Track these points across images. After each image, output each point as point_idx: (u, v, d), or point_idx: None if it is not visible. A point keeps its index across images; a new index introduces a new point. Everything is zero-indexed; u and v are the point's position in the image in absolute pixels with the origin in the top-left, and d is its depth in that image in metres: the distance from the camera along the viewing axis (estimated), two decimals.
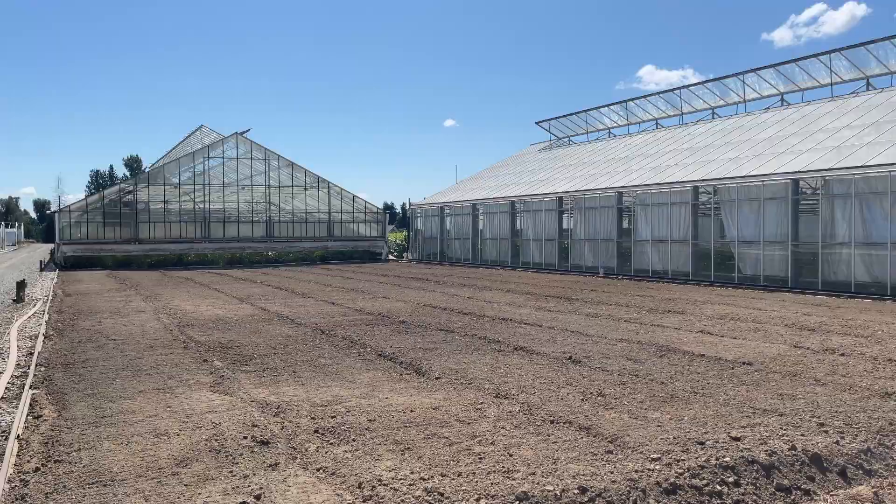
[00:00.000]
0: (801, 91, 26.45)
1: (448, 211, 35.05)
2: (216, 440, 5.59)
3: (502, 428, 5.91)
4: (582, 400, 6.86)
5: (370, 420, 6.19)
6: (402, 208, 41.35)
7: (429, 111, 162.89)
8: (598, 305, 15.20)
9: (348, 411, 6.52)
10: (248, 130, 37.02)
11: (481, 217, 32.35)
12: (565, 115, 37.62)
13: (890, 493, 4.58)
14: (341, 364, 8.87)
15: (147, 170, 51.26)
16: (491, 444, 5.48)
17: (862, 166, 17.10)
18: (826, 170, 17.88)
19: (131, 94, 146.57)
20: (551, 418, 6.18)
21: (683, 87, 31.11)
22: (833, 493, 4.68)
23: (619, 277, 23.14)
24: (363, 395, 7.19)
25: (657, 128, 32.26)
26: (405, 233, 43.25)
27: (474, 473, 4.78)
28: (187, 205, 35.51)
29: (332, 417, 6.30)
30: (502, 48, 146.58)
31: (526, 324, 12.37)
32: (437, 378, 7.97)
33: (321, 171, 44.66)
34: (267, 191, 37.17)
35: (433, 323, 12.51)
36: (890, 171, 16.31)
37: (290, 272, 28.57)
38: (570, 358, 9.01)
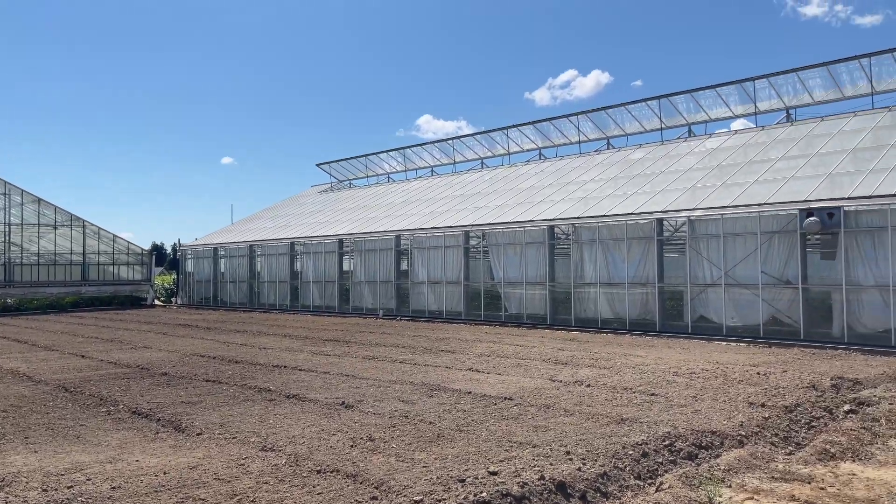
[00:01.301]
0: (555, 147, 29.49)
1: (223, 252, 33.42)
2: None
3: (266, 483, 5.63)
4: (351, 446, 6.79)
5: (114, 487, 5.56)
6: (173, 249, 38.59)
7: (205, 147, 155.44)
8: (375, 347, 15.33)
9: (89, 479, 5.80)
10: None
11: (259, 259, 31.29)
12: (346, 159, 38.11)
13: None
14: (86, 426, 7.91)
15: None
16: (252, 501, 5.18)
17: (604, 215, 19.36)
18: (576, 218, 19.97)
19: None
20: (318, 468, 6.02)
21: (456, 137, 33.19)
22: None
23: (398, 318, 23.63)
24: (109, 459, 6.45)
25: (433, 174, 33.88)
26: (173, 276, 40.37)
27: None
28: None
29: (69, 488, 5.57)
30: (286, 89, 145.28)
31: (301, 370, 12.06)
32: (198, 434, 7.42)
33: (79, 210, 40.20)
34: (6, 229, 32.62)
35: (199, 374, 11.71)
36: (625, 220, 18.65)
37: (34, 322, 25.20)
38: (344, 403, 8.92)
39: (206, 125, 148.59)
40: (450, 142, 33.31)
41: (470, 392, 9.56)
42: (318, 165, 39.95)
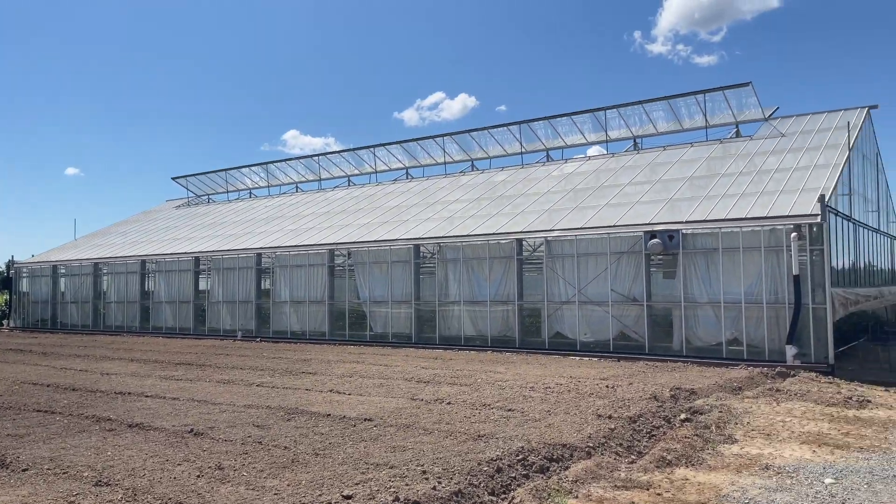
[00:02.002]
0: (422, 167, 29.85)
1: (63, 270, 30.77)
2: None
3: None
4: (198, 476, 6.41)
5: None
6: (7, 267, 35.10)
7: (46, 156, 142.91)
8: (231, 371, 14.67)
9: None
10: None
11: (106, 278, 29.10)
12: (205, 173, 36.47)
13: None
14: None
15: None
16: None
17: (468, 235, 19.79)
18: (441, 237, 20.26)
19: None
20: (159, 501, 5.63)
21: (322, 154, 32.72)
22: None
23: (258, 340, 22.80)
24: None
25: (297, 191, 33.20)
26: (6, 296, 36.63)
27: None
28: None
29: None
30: (141, 94, 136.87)
31: (147, 396, 11.29)
32: (24, 470, 6.72)
33: None
34: None
35: (30, 403, 10.65)
36: (488, 240, 19.17)
37: None
38: (192, 431, 8.43)
39: (48, 131, 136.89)
40: (316, 158, 32.82)
41: (329, 414, 9.35)
42: (174, 179, 37.96)
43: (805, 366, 13.84)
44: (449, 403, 10.12)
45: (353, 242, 22.04)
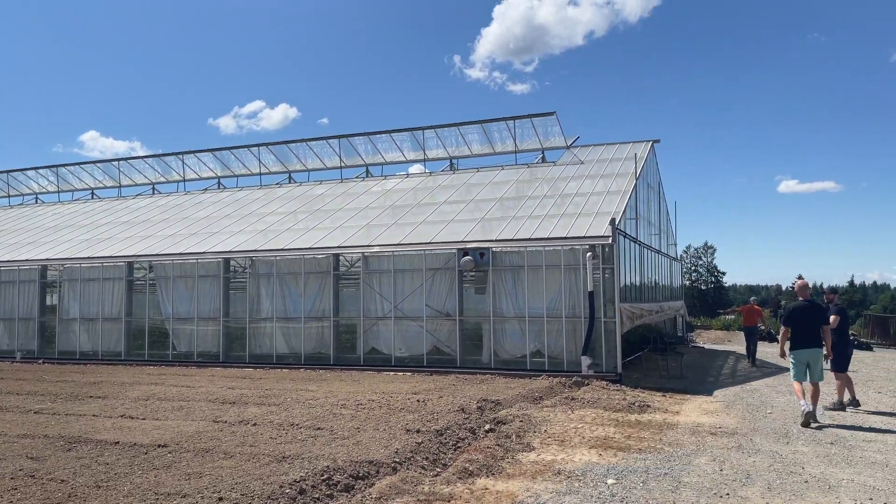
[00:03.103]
0: (235, 177, 28.64)
1: None
2: None
3: None
4: None
5: None
6: None
7: None
8: (4, 397, 12.94)
9: None
10: None
11: None
12: None
13: None
14: None
15: None
16: None
17: (283, 249, 19.23)
18: (254, 251, 19.50)
19: None
20: None
21: (124, 158, 30.27)
22: None
23: (41, 361, 20.41)
24: None
25: (93, 198, 30.38)
26: None
27: None
28: None
29: None
30: None
31: None
32: None
33: None
34: None
35: None
36: (303, 255, 18.76)
37: None
38: None
39: None
40: (116, 163, 30.27)
41: (118, 442, 8.54)
42: None
43: (598, 375, 15.02)
44: (254, 425, 9.68)
45: (156, 255, 20.54)
